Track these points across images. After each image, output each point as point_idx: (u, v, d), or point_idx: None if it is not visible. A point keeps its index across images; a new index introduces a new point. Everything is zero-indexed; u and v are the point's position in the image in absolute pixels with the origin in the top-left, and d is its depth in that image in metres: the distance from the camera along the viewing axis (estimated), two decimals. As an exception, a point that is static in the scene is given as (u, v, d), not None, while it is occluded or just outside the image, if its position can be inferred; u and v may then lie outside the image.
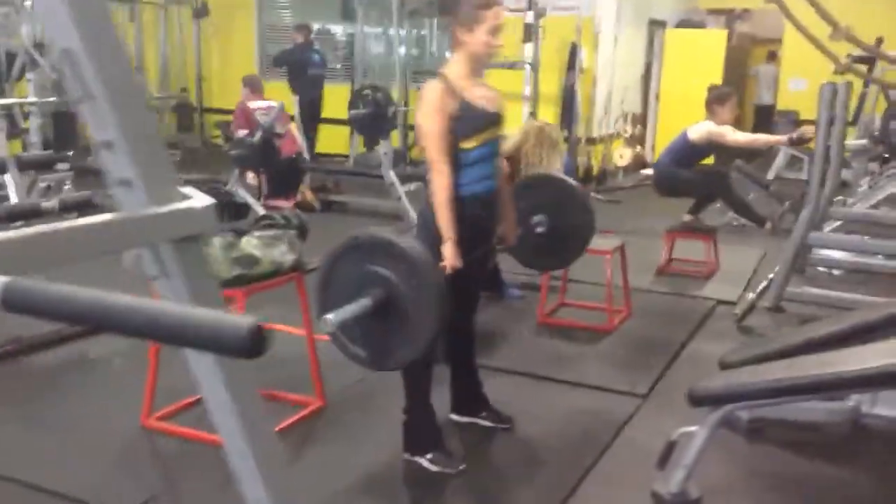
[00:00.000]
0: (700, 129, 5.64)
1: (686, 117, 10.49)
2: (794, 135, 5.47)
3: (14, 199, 4.49)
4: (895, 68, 7.44)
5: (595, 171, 9.82)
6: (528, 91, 9.05)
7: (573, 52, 9.32)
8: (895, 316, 2.89)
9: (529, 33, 8.97)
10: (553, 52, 9.42)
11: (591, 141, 9.74)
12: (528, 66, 9.00)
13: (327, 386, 3.45)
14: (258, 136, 5.63)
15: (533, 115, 9.11)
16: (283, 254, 3.18)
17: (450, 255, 2.80)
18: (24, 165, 4.89)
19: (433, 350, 3.00)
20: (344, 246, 2.58)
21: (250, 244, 3.09)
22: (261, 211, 5.36)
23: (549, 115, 9.42)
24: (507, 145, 4.52)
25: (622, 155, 10.23)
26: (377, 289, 2.47)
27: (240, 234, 3.11)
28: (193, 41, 11.23)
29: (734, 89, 6.08)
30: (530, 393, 3.70)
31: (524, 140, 4.64)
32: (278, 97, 7.16)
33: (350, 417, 3.37)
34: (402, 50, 10.11)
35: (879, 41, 9.50)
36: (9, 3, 8.26)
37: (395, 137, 8.97)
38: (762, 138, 6.12)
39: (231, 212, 5.36)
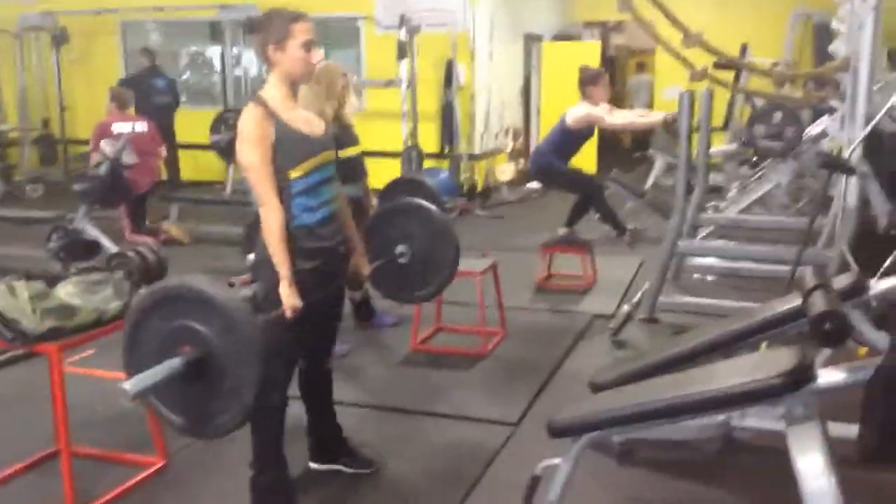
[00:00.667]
0: (577, 112, 5.56)
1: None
2: (670, 116, 5.45)
3: None
4: (761, 74, 7.59)
5: (479, 187, 9.73)
6: (405, 109, 8.92)
7: (449, 68, 9.23)
8: (755, 326, 2.81)
9: (404, 51, 8.85)
10: (430, 68, 9.31)
11: (473, 157, 9.64)
12: (403, 84, 8.87)
13: (169, 442, 3.14)
14: (104, 168, 5.23)
15: (413, 134, 8.98)
16: (106, 300, 2.87)
17: (288, 297, 2.57)
18: None
19: (282, 396, 2.76)
20: (150, 298, 2.28)
21: (66, 292, 2.77)
22: (113, 249, 4.99)
23: (428, 132, 9.30)
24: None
25: (504, 170, 10.20)
26: (189, 347, 2.19)
27: (53, 281, 2.78)
28: (54, 69, 10.62)
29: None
30: (398, 429, 3.48)
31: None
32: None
33: (194, 477, 3.07)
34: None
35: (744, 48, 9.81)
36: None
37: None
38: (639, 120, 6.02)
39: (79, 251, 4.96)
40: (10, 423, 3.54)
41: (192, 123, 9.44)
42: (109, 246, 5.14)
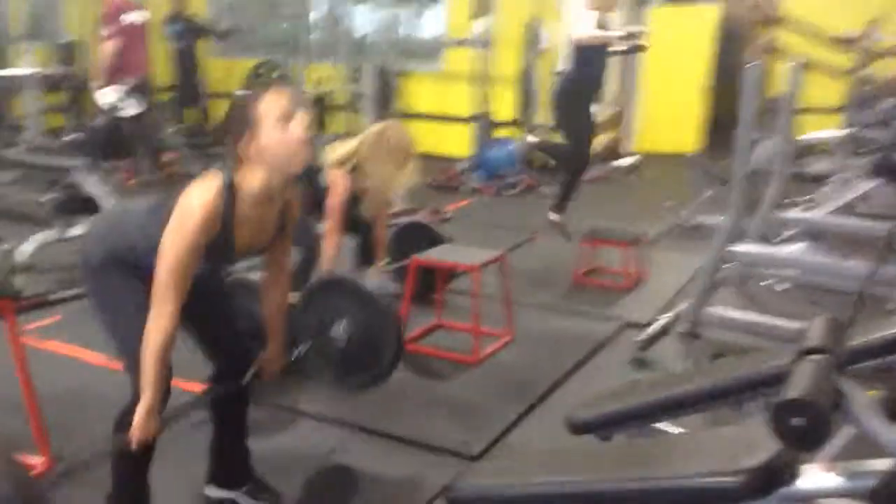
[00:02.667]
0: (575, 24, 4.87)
1: (673, 103, 9.71)
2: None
3: None
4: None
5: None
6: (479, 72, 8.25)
7: (533, 28, 8.47)
8: (722, 387, 2.09)
9: (483, 6, 8.15)
10: (513, 28, 8.58)
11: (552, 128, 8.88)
12: (478, 45, 8.17)
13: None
14: (101, 121, 4.85)
15: (486, 101, 8.32)
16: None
17: (142, 425, 2.06)
18: None
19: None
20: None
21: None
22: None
23: (503, 99, 8.61)
24: (337, 157, 3.72)
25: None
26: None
27: None
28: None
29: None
30: (343, 452, 2.93)
31: (355, 152, 3.66)
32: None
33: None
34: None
35: (872, 26, 8.57)
36: None
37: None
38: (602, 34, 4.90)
39: (77, 207, 4.62)
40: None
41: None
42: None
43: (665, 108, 9.60)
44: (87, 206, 4.68)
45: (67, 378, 3.43)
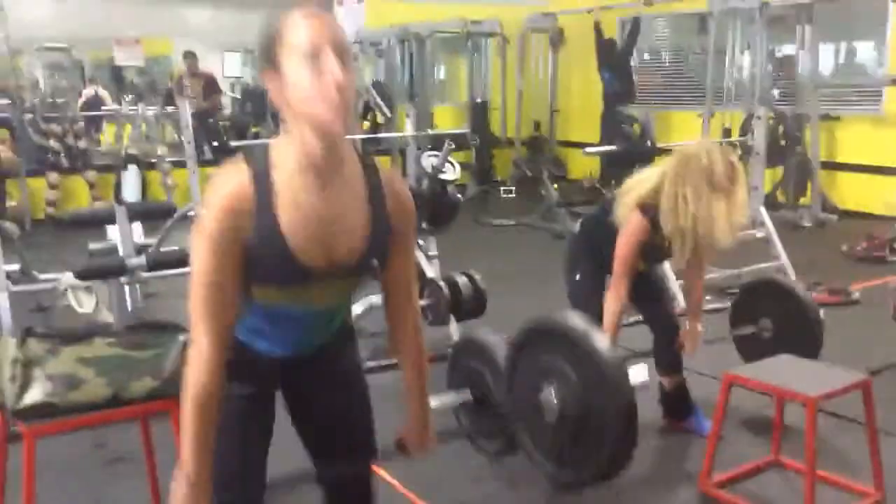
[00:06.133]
0: None
1: None
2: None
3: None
4: None
5: None
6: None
7: None
8: None
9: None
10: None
11: None
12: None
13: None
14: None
15: None
16: (133, 372, 2.20)
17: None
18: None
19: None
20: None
21: (77, 355, 2.17)
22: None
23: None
24: (637, 196, 2.93)
25: None
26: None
27: (70, 339, 2.19)
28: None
29: None
30: None
31: (660, 185, 2.88)
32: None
33: None
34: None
35: None
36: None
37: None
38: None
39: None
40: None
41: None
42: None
43: None
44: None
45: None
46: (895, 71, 7.05)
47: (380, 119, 9.73)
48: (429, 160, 4.37)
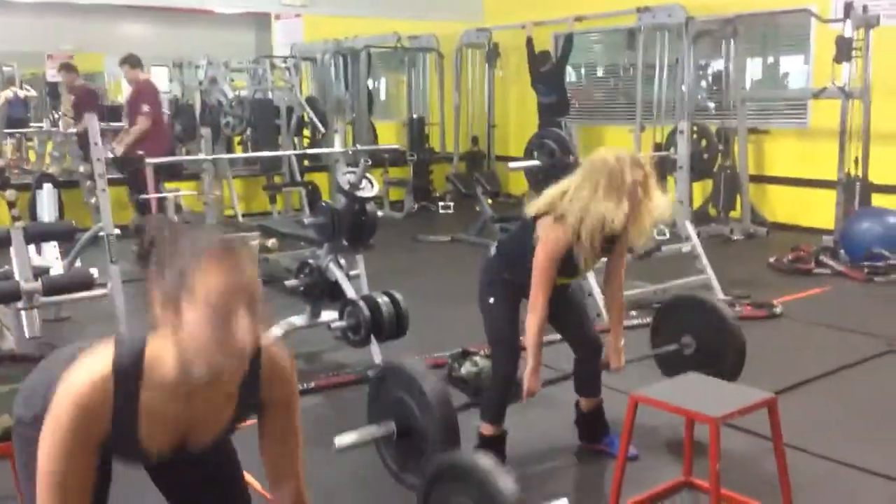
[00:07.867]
0: None
1: None
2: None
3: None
4: None
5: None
6: (843, 126, 6.66)
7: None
8: None
9: (847, 50, 6.59)
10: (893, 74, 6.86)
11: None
12: (842, 95, 6.60)
13: None
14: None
15: (857, 160, 6.70)
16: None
17: None
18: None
19: None
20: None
21: None
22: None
23: (886, 159, 6.86)
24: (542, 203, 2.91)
25: None
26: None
27: None
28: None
29: None
30: None
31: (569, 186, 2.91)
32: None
33: None
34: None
35: None
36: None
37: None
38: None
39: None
40: None
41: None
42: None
43: None
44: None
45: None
46: (819, 84, 7.15)
47: (317, 136, 9.61)
48: (345, 177, 4.28)
